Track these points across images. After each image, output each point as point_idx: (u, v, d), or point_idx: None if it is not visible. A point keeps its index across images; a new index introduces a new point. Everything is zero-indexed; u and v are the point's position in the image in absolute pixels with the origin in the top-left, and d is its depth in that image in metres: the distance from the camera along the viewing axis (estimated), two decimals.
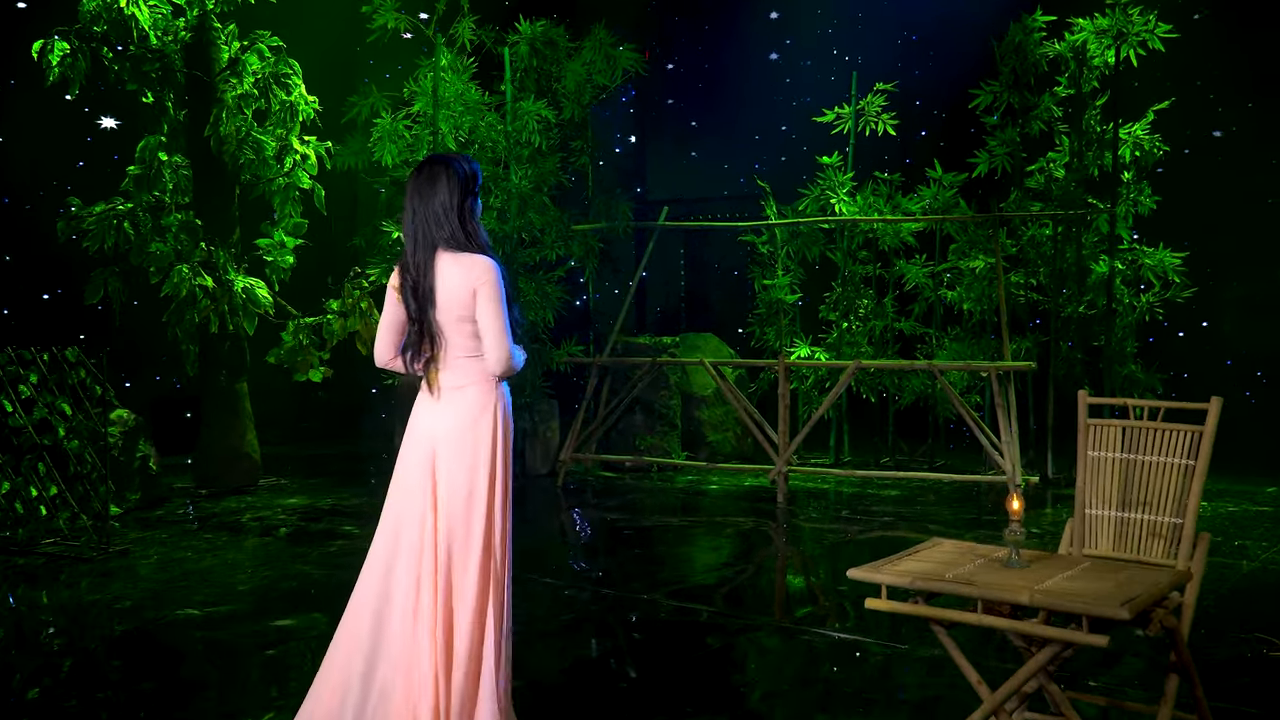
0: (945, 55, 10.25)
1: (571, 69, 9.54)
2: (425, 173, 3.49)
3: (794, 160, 10.91)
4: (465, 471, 3.45)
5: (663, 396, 9.67)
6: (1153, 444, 3.95)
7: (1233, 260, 9.73)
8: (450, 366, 3.50)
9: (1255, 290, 10.30)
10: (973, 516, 7.77)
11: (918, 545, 3.60)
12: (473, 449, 3.46)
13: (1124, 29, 8.68)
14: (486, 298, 3.43)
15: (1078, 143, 9.09)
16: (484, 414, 3.49)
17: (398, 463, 3.57)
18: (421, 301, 3.45)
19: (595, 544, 7.25)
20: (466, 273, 3.42)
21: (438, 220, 3.44)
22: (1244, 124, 9.63)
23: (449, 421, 3.48)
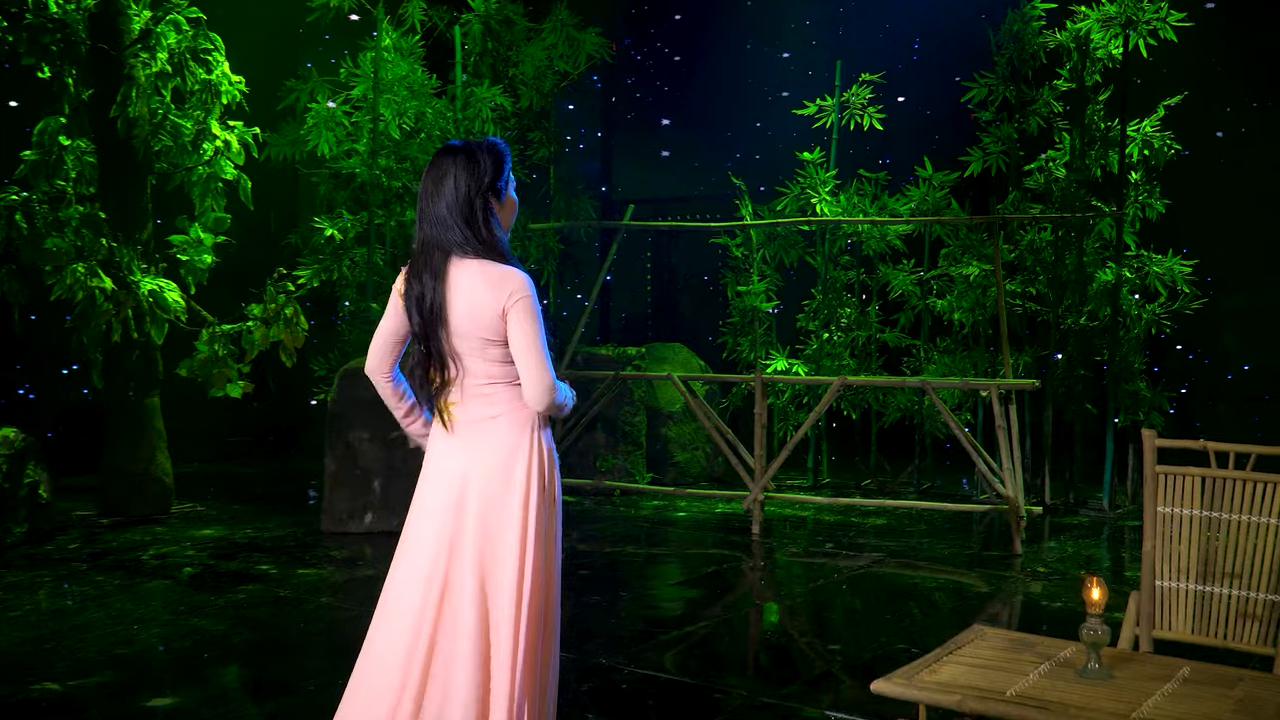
0: (937, 45, 9.50)
1: (530, 53, 8.69)
2: (435, 164, 2.91)
3: (771, 158, 10.14)
4: (500, 524, 2.85)
5: (626, 413, 8.83)
6: (1242, 498, 3.17)
7: (1235, 269, 9.01)
8: (471, 397, 2.92)
9: (1258, 302, 9.62)
10: (971, 552, 6.98)
11: (957, 639, 2.78)
12: (508, 494, 2.87)
13: (1133, 16, 7.94)
14: (521, 319, 2.82)
15: (1079, 141, 8.35)
16: (518, 451, 2.89)
17: (411, 514, 2.96)
18: (429, 319, 2.87)
19: None
20: (495, 288, 2.82)
21: (444, 222, 2.85)
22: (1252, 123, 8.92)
23: (476, 461, 2.88)
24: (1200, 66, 8.48)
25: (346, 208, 8.11)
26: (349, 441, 7.19)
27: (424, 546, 2.88)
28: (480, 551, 2.84)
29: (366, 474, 7.19)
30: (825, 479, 9.27)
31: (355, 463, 7.20)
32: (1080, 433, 8.35)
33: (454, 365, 2.90)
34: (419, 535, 2.91)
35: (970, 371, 8.57)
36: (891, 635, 5.23)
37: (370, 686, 2.85)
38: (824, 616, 5.61)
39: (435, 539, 2.87)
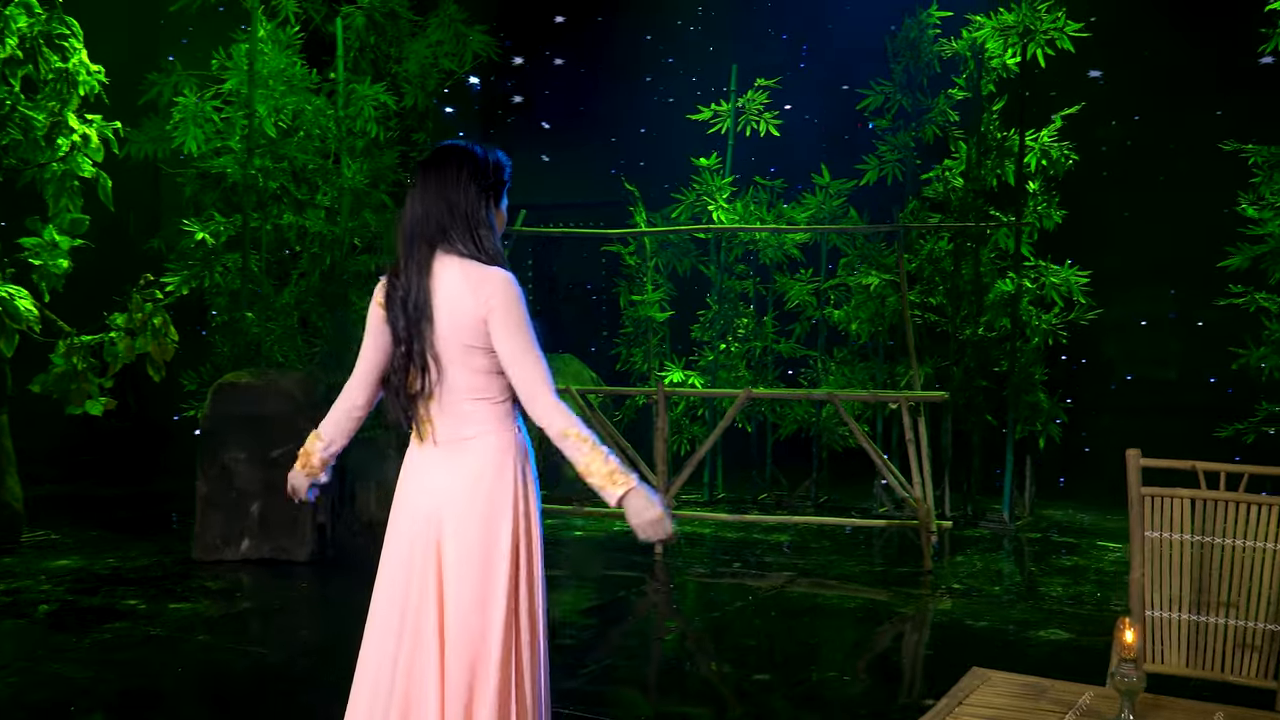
0: (835, 51, 9.36)
1: (415, 49, 8.22)
2: (435, 163, 2.76)
3: (658, 164, 9.87)
4: (480, 550, 2.68)
5: None
6: (1235, 522, 2.96)
7: (1117, 281, 9.03)
8: (450, 410, 2.72)
9: (1139, 313, 9.74)
10: (881, 569, 6.80)
11: (960, 686, 2.50)
12: (488, 518, 2.69)
13: (1031, 26, 7.90)
14: (505, 322, 2.64)
15: (975, 151, 8.29)
16: (501, 473, 2.71)
17: (387, 539, 2.79)
18: (413, 317, 2.68)
19: None
20: (475, 289, 2.65)
21: (441, 223, 2.69)
22: (1136, 135, 9.01)
23: (454, 483, 2.70)
24: (1088, 78, 8.50)
25: (216, 209, 7.53)
26: (224, 462, 6.64)
27: (398, 572, 2.74)
28: (446, 584, 2.69)
29: (243, 497, 6.65)
30: (720, 493, 9.03)
31: (230, 485, 6.65)
32: (979, 444, 8.28)
33: (436, 371, 2.70)
34: (393, 558, 2.77)
35: (869, 383, 8.43)
36: (821, 663, 4.97)
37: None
38: (743, 644, 5.33)
39: (406, 565, 2.72)
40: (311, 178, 7.58)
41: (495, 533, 2.69)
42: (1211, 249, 7.88)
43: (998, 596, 6.11)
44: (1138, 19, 8.33)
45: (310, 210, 7.31)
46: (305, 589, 6.22)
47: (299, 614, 5.83)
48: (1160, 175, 8.85)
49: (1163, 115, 8.74)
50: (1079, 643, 5.25)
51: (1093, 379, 9.42)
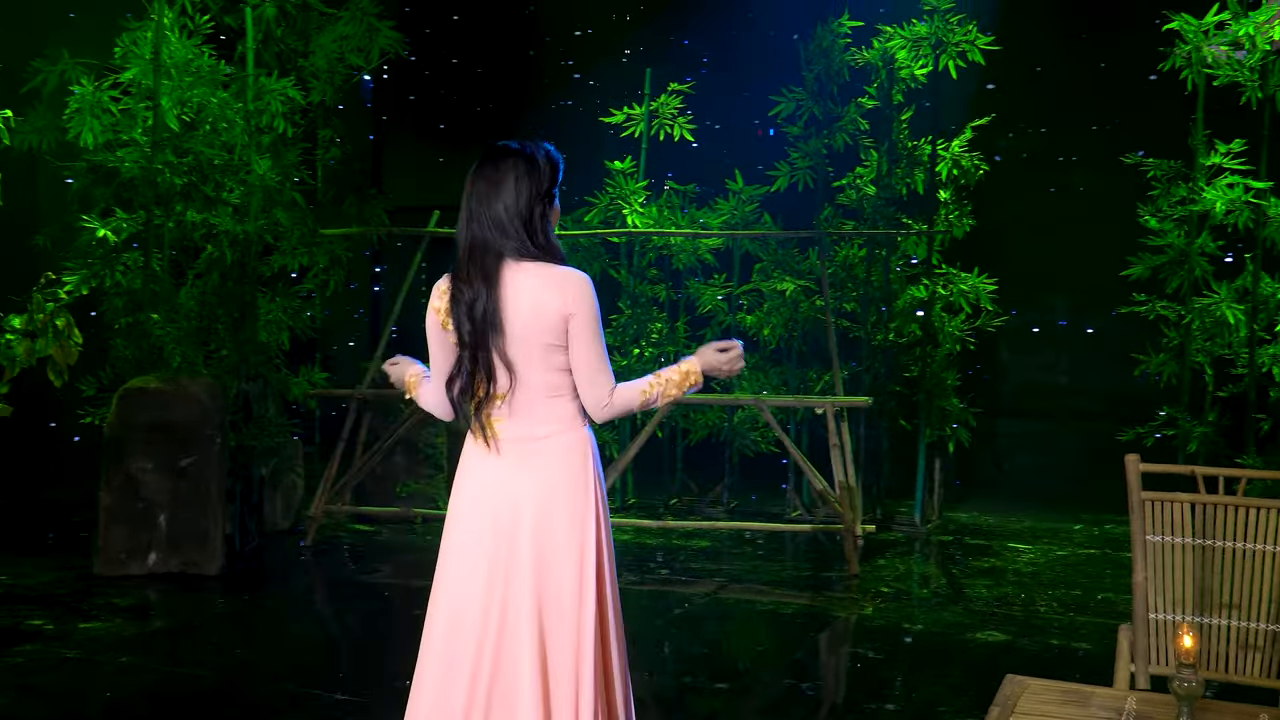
0: (748, 57, 9.39)
1: (322, 43, 7.96)
2: (489, 165, 2.74)
3: (572, 167, 9.75)
4: (571, 548, 2.69)
5: (427, 434, 8.22)
6: (1235, 525, 3.02)
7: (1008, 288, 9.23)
8: (522, 411, 2.74)
9: (1030, 320, 9.99)
10: (809, 574, 6.82)
11: (1003, 695, 2.48)
12: (570, 514, 2.71)
13: (944, 38, 8.05)
14: (585, 324, 2.70)
15: (886, 159, 8.40)
16: (582, 470, 2.75)
17: (453, 546, 2.76)
18: (481, 325, 2.68)
19: (348, 632, 5.80)
20: (559, 291, 2.68)
21: (500, 224, 2.69)
22: (1043, 147, 9.25)
23: (534, 483, 2.71)
24: (1000, 90, 8.69)
25: (110, 205, 7.14)
26: (129, 472, 6.30)
27: (472, 578, 2.70)
28: (540, 586, 2.68)
29: (150, 508, 6.32)
30: (632, 499, 8.95)
31: (136, 495, 6.31)
32: (889, 449, 8.39)
33: (506, 376, 2.71)
34: (468, 565, 2.72)
35: (783, 389, 8.46)
36: (776, 670, 4.95)
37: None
38: (693, 652, 5.26)
39: (489, 568, 2.69)
40: (215, 174, 7.25)
41: (584, 529, 2.72)
42: (1114, 259, 8.15)
43: (927, 599, 6.18)
44: (1045, 33, 8.56)
45: (221, 208, 6.99)
46: (223, 604, 5.93)
47: (223, 631, 5.55)
48: (1063, 186, 9.11)
49: (1067, 128, 8.99)
50: (1016, 644, 5.34)
51: (993, 384, 9.63)
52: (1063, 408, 9.32)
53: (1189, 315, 7.53)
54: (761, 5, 9.20)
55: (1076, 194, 9.02)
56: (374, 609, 6.09)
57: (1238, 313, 7.37)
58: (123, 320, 6.79)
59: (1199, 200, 7.49)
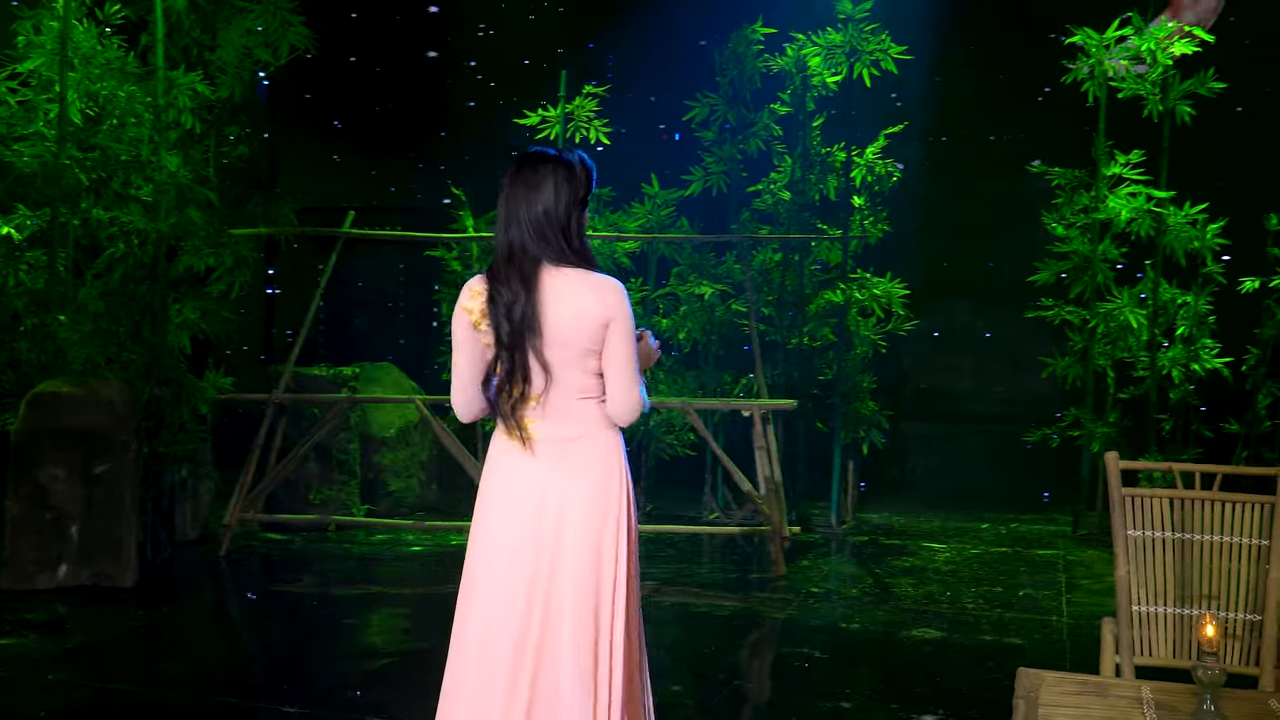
0: (662, 62, 9.40)
1: (230, 37, 7.72)
2: (527, 171, 2.79)
3: (459, 170, 9.68)
4: (601, 544, 2.75)
5: (341, 440, 8.03)
6: (1212, 520, 3.12)
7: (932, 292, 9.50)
8: (556, 411, 2.79)
9: (932, 326, 10.22)
10: (737, 575, 6.86)
11: (1026, 687, 2.52)
12: (606, 513, 2.78)
13: (858, 46, 8.19)
14: (622, 331, 2.78)
15: (799, 165, 8.52)
16: (615, 468, 2.83)
17: (485, 545, 2.80)
18: (519, 327, 2.73)
19: (279, 643, 5.64)
20: (599, 298, 2.76)
21: (540, 230, 2.75)
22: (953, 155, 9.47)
23: (571, 484, 2.77)
24: (902, 98, 8.85)
25: (5, 201, 6.81)
26: (38, 480, 6.01)
27: (517, 577, 2.74)
28: (580, 579, 2.73)
29: (60, 518, 6.04)
30: None
31: (46, 504, 6.03)
32: (803, 451, 8.50)
33: (542, 377, 2.76)
34: (507, 565, 2.76)
35: (699, 392, 8.50)
36: (726, 672, 4.95)
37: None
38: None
39: (532, 564, 2.74)
40: (122, 171, 6.98)
41: (619, 528, 2.79)
42: (1020, 265, 8.41)
43: (857, 599, 6.27)
44: (954, 45, 8.77)
45: (132, 205, 6.72)
46: (143, 617, 5.70)
47: (148, 645, 5.33)
48: (972, 193, 9.34)
49: (974, 137, 9.24)
50: (952, 641, 5.45)
51: (900, 387, 9.82)
52: (966, 410, 9.56)
53: (1094, 320, 7.81)
54: (677, 10, 9.23)
55: (985, 201, 9.27)
56: (300, 619, 5.91)
57: (1140, 317, 7.67)
58: (28, 321, 6.48)
59: (1102, 209, 7.78)
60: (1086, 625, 5.74)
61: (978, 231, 9.24)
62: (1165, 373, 7.73)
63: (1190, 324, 7.66)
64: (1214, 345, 7.63)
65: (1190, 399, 7.69)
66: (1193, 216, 7.62)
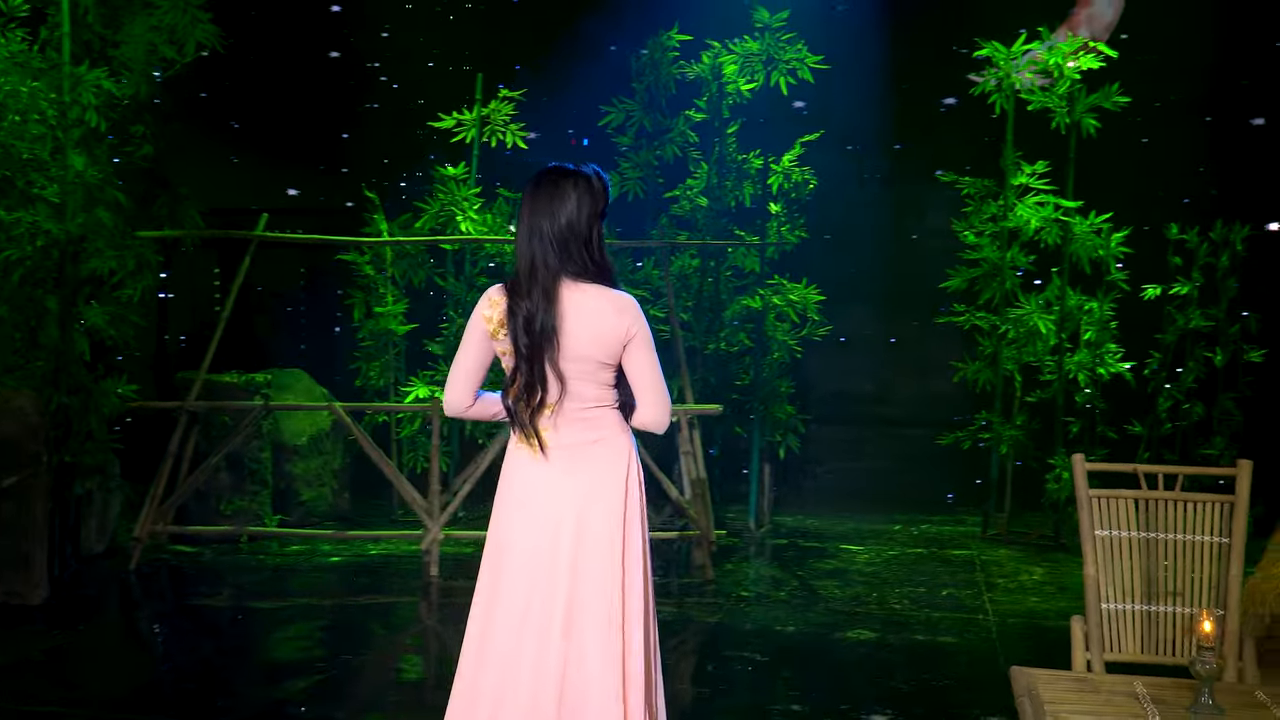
0: (581, 65, 9.36)
1: (136, 32, 7.46)
2: (549, 184, 2.91)
3: (361, 173, 9.54)
4: (618, 546, 2.86)
5: (253, 448, 7.82)
6: (1176, 519, 3.23)
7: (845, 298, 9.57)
8: (571, 419, 2.90)
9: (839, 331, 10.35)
10: (664, 580, 6.86)
11: (1023, 686, 2.58)
12: (623, 515, 2.88)
13: (775, 55, 8.28)
14: (643, 344, 2.91)
15: (715, 172, 8.57)
16: (630, 474, 2.94)
17: (502, 548, 2.90)
18: (537, 339, 2.82)
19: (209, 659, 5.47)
20: (618, 313, 2.87)
21: (564, 244, 2.85)
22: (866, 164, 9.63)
23: (589, 483, 2.88)
24: (819, 107, 8.96)
25: None
26: None
27: (539, 574, 2.83)
28: (602, 579, 2.83)
29: None
30: (460, 512, 8.77)
31: None
32: (719, 455, 8.55)
33: (557, 387, 2.85)
34: (528, 561, 2.85)
35: None
36: (673, 678, 4.95)
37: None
38: None
39: (553, 564, 2.83)
40: (23, 170, 6.69)
41: (633, 531, 2.90)
42: (932, 271, 8.59)
43: (787, 601, 6.33)
44: (866, 55, 8.91)
45: (40, 205, 6.45)
46: (60, 636, 5.47)
47: (70, 665, 5.11)
48: (885, 201, 9.51)
49: (888, 145, 9.40)
50: (887, 641, 5.54)
51: (812, 391, 9.90)
52: (875, 414, 9.71)
53: (1004, 325, 8.02)
54: (592, 15, 9.22)
55: (896, 209, 9.45)
56: (223, 633, 5.75)
57: (1048, 323, 7.90)
58: None
59: (1011, 217, 8.00)
60: (1012, 623, 5.88)
61: (889, 238, 9.41)
62: (1071, 376, 7.97)
63: (1095, 329, 7.91)
64: (1118, 350, 7.89)
65: (1096, 402, 7.94)
66: (1097, 225, 7.87)
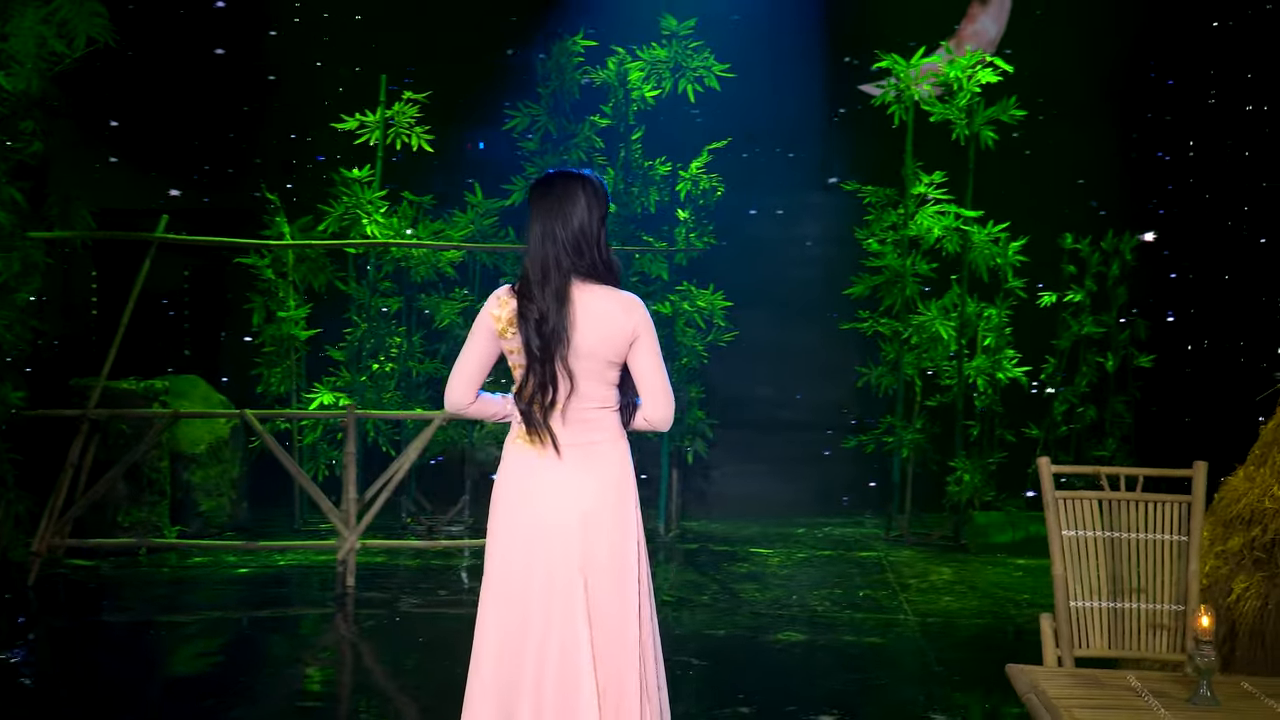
0: (490, 68, 9.28)
1: (25, 25, 7.15)
2: (559, 188, 2.99)
3: (254, 173, 9.33)
4: (620, 543, 2.99)
5: (151, 457, 7.54)
6: (1137, 519, 3.38)
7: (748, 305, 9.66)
8: (576, 418, 2.99)
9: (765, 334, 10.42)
10: None
11: (1028, 685, 2.66)
12: (622, 515, 3.02)
13: (682, 62, 8.36)
14: (649, 344, 3.01)
15: (621, 178, 8.60)
16: (627, 473, 3.07)
17: (509, 541, 2.97)
18: (548, 339, 2.91)
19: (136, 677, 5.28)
20: (625, 313, 2.98)
21: (577, 246, 2.94)
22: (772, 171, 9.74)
23: (595, 485, 2.99)
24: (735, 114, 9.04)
25: None
26: None
27: (535, 574, 2.93)
28: (613, 574, 2.95)
29: None
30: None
31: None
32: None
33: (566, 386, 2.93)
34: (523, 560, 2.93)
35: None
36: None
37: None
38: None
39: (563, 560, 2.93)
40: None
41: (633, 529, 3.03)
42: (834, 278, 8.76)
43: (711, 605, 6.39)
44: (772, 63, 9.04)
45: None
46: None
47: None
48: (789, 208, 9.64)
49: (793, 153, 9.53)
50: (818, 642, 5.64)
51: (715, 397, 9.98)
52: (778, 419, 9.85)
53: (907, 331, 8.24)
54: (498, 19, 9.17)
55: (798, 216, 9.59)
56: (142, 650, 5.54)
57: (950, 329, 8.14)
58: None
59: (912, 225, 8.22)
60: (931, 622, 6.05)
61: (793, 245, 9.55)
62: (971, 381, 8.23)
63: (993, 336, 8.18)
64: (1015, 355, 8.18)
65: (994, 406, 8.21)
66: (995, 235, 8.15)
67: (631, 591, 2.99)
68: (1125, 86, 9.05)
